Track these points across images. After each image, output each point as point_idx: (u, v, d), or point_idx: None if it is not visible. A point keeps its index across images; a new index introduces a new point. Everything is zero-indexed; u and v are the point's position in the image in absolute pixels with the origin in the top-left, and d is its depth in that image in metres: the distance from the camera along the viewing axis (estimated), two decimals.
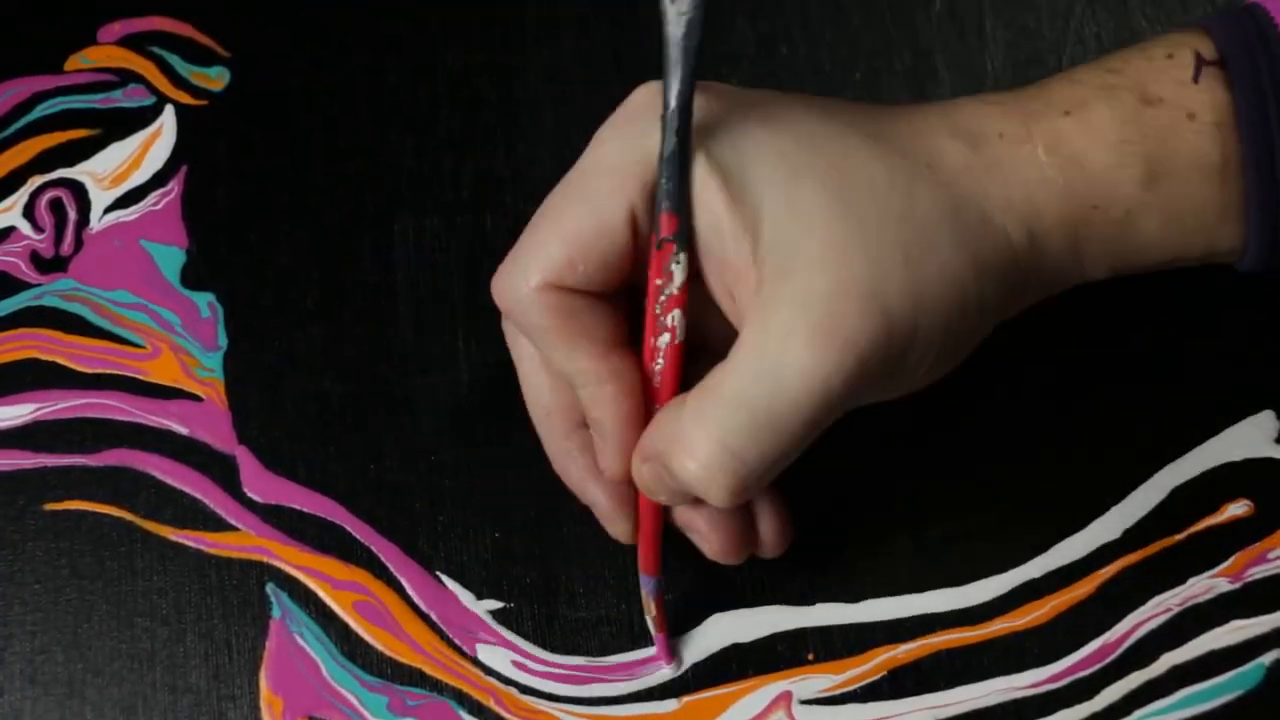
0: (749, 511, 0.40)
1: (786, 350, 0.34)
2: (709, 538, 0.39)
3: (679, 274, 0.36)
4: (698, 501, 0.38)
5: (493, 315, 0.45)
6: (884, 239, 0.35)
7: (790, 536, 0.40)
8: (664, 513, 0.40)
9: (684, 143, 0.35)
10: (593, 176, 0.37)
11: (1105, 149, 0.37)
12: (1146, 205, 0.37)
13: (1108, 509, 0.42)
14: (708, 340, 0.38)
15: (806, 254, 0.35)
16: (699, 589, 0.42)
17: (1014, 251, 0.37)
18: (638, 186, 0.36)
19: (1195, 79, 0.37)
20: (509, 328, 0.40)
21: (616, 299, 0.38)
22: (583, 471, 0.40)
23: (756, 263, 0.35)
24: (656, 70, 0.36)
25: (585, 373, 0.37)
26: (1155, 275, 0.41)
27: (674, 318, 0.37)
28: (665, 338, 0.37)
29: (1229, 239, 0.38)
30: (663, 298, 0.36)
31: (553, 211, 0.37)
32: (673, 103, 0.35)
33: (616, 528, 0.40)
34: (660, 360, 0.37)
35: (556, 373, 0.39)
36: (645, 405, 0.38)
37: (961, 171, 0.36)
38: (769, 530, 0.40)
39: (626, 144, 0.37)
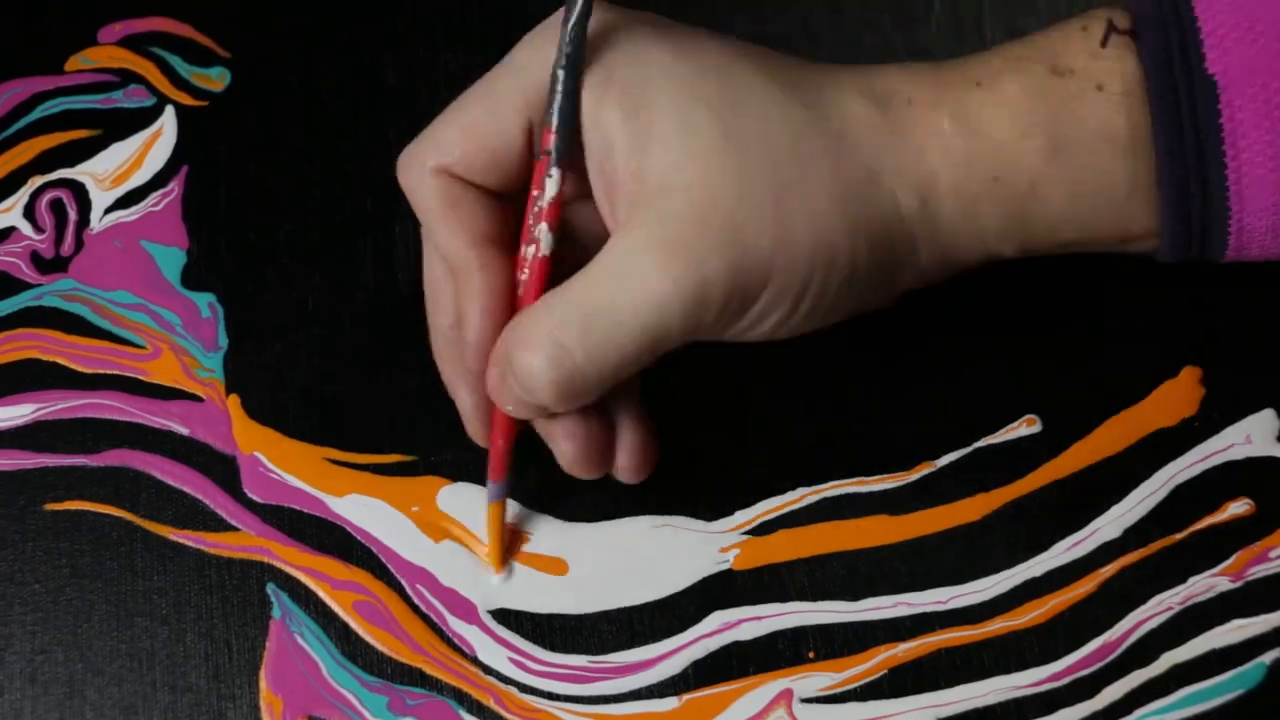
0: (609, 430, 0.40)
1: (633, 262, 0.35)
2: (563, 446, 0.39)
3: (551, 187, 0.37)
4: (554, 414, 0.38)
5: None
6: (759, 177, 0.35)
7: (650, 466, 0.40)
8: (520, 422, 0.39)
9: (574, 61, 0.36)
10: (501, 77, 0.38)
11: (1010, 119, 0.37)
12: (1051, 178, 0.37)
13: (1108, 508, 0.42)
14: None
15: (682, 178, 0.35)
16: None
17: (900, 216, 0.37)
18: (539, 91, 0.37)
19: (1104, 44, 0.37)
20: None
21: (506, 200, 0.39)
22: (454, 366, 0.40)
23: (638, 181, 0.36)
24: None
25: (457, 259, 0.38)
26: (1157, 276, 0.41)
27: (542, 230, 0.37)
28: (532, 249, 0.37)
29: (1140, 219, 0.38)
30: (535, 209, 0.37)
31: (461, 103, 0.38)
32: (571, 18, 0.36)
33: (473, 428, 0.40)
34: (525, 271, 0.38)
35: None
36: (509, 309, 0.38)
37: (861, 130, 0.37)
38: (626, 453, 0.40)
39: (537, 52, 0.37)
